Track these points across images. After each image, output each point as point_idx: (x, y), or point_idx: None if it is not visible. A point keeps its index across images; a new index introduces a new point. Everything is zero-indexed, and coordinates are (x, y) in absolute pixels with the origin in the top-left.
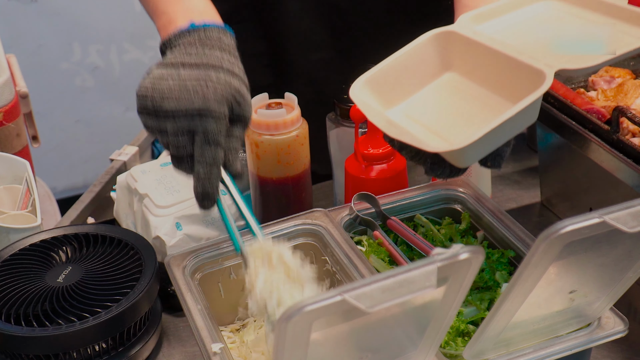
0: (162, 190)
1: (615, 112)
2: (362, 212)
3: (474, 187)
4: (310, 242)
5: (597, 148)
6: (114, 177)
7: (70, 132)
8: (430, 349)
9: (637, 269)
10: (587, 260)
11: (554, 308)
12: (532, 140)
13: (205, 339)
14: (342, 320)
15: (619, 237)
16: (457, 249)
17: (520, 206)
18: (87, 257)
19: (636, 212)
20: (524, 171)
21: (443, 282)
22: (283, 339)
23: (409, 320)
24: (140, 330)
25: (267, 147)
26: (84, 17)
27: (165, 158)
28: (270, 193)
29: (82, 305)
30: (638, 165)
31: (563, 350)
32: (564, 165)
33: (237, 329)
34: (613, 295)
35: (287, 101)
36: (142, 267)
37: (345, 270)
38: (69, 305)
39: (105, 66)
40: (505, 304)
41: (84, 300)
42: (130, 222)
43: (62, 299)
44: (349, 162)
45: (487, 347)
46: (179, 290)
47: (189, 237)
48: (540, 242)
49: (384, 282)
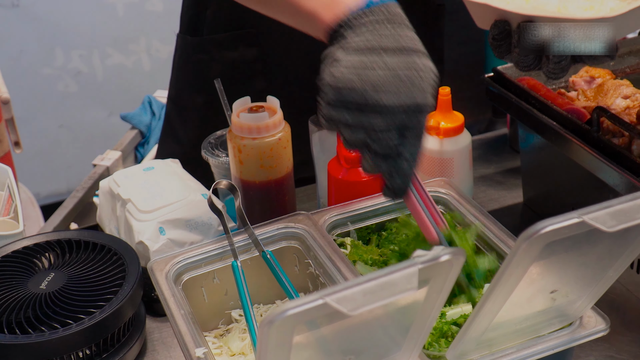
0: (145, 194)
1: (596, 112)
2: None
3: (456, 188)
4: (293, 245)
5: (578, 148)
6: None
7: (53, 138)
8: (413, 350)
9: (617, 267)
10: (568, 259)
11: (536, 308)
12: (514, 141)
13: (188, 343)
14: (324, 324)
15: (599, 237)
16: (438, 251)
17: (502, 207)
18: (70, 263)
19: (615, 212)
20: (506, 172)
21: (424, 284)
22: (266, 343)
23: (392, 322)
24: (124, 336)
25: (249, 151)
26: (66, 21)
27: (149, 162)
28: (254, 197)
29: (65, 311)
30: (618, 165)
31: (545, 350)
32: (545, 166)
33: (222, 333)
34: (594, 294)
35: (270, 104)
36: (126, 273)
37: (328, 273)
38: (52, 312)
39: (88, 71)
40: (487, 305)
41: (67, 307)
42: (113, 227)
43: (45, 305)
44: (331, 165)
45: (470, 348)
46: (162, 295)
47: (173, 242)
48: (520, 242)
49: (365, 285)
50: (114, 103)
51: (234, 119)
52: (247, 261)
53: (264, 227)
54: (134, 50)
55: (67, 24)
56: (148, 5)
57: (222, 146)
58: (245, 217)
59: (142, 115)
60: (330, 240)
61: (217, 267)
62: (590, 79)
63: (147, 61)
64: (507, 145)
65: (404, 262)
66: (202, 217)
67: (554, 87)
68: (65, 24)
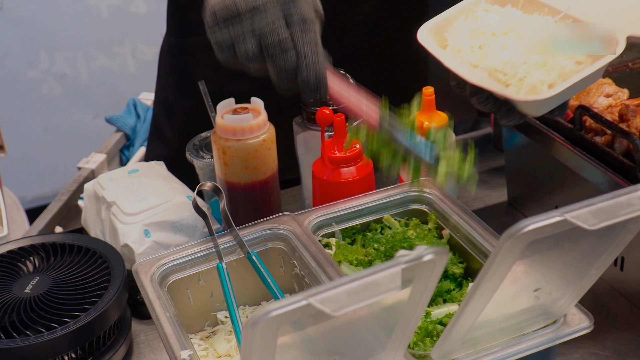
0: (130, 197)
1: (578, 111)
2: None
3: (440, 188)
4: (278, 246)
5: (561, 147)
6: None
7: (38, 141)
8: (398, 350)
9: (600, 265)
10: (551, 258)
11: (520, 306)
12: (498, 140)
13: (174, 346)
14: (309, 324)
15: (581, 235)
16: (420, 251)
17: (487, 206)
18: (54, 267)
19: (597, 210)
20: (490, 171)
21: (408, 284)
22: (250, 345)
23: (377, 321)
24: (110, 339)
25: (234, 153)
26: (50, 24)
27: (133, 165)
28: (238, 198)
29: (50, 315)
30: (601, 163)
31: (530, 348)
32: (529, 165)
33: (207, 335)
34: (578, 292)
35: (254, 106)
36: (111, 276)
37: (313, 274)
38: (37, 316)
39: (72, 73)
40: (471, 303)
41: (52, 311)
42: (98, 230)
43: (29, 309)
44: (316, 166)
45: (454, 347)
46: (147, 298)
47: (158, 244)
48: (503, 241)
49: (348, 285)
50: (98, 106)
51: (218, 120)
52: (232, 263)
53: (249, 229)
54: (119, 53)
55: (51, 27)
56: (132, 7)
57: (206, 148)
58: (230, 219)
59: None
60: (316, 240)
61: (202, 269)
62: None
63: (132, 63)
64: (491, 145)
65: (387, 262)
66: (187, 219)
67: None
68: (50, 26)
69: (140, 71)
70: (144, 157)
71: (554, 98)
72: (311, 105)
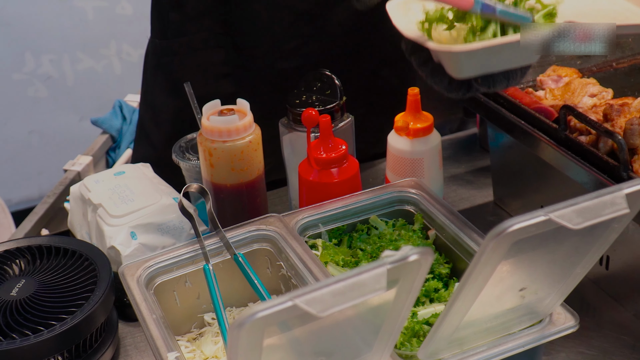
0: (116, 199)
1: (563, 110)
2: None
3: (426, 188)
4: (265, 247)
5: (546, 146)
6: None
7: (24, 143)
8: (384, 350)
9: (585, 264)
10: (536, 257)
11: (506, 306)
12: (483, 141)
13: (160, 348)
14: (296, 325)
15: (566, 234)
16: (406, 251)
17: (473, 206)
18: (40, 270)
19: (581, 209)
20: (476, 171)
21: (394, 284)
22: (236, 346)
23: (363, 322)
24: (97, 342)
25: (220, 154)
26: (35, 26)
27: (119, 167)
28: (225, 200)
29: (37, 318)
30: (586, 163)
31: (516, 347)
32: (515, 165)
33: (194, 337)
34: (563, 291)
35: (240, 107)
36: (97, 278)
37: (300, 275)
38: (23, 319)
39: (58, 76)
40: (457, 303)
41: (38, 314)
42: (84, 232)
43: (15, 312)
44: (302, 167)
45: (441, 347)
46: (133, 300)
47: (144, 246)
48: (488, 241)
49: (334, 286)
50: (84, 108)
51: (204, 122)
52: (219, 264)
53: (235, 230)
54: (105, 55)
55: (36, 29)
56: (118, 8)
57: (192, 149)
58: (217, 220)
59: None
60: (302, 242)
61: (189, 270)
62: (558, 77)
63: (118, 65)
64: (477, 145)
65: (372, 262)
66: (174, 221)
67: (521, 86)
68: (35, 28)
69: (126, 73)
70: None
71: (470, 56)
72: (297, 107)
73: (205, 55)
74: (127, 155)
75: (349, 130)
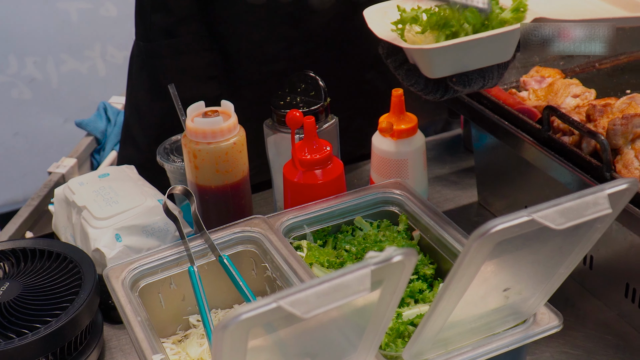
0: (101, 201)
1: (546, 111)
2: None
3: (410, 189)
4: (250, 249)
5: (530, 147)
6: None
7: (8, 146)
8: (369, 351)
9: (568, 264)
10: (520, 257)
11: (490, 306)
12: (468, 141)
13: (145, 350)
14: (280, 326)
15: (549, 234)
16: (390, 252)
17: (457, 206)
18: (25, 273)
19: (564, 210)
20: (460, 172)
21: (378, 285)
22: (220, 348)
23: (347, 323)
24: (82, 344)
25: (205, 156)
26: (19, 28)
27: (104, 169)
28: (210, 201)
29: (21, 321)
30: (569, 163)
31: (500, 348)
32: (499, 165)
33: (180, 339)
34: (547, 291)
35: (224, 109)
36: (82, 281)
37: (285, 277)
38: (7, 322)
39: (42, 78)
40: (441, 304)
41: (22, 316)
42: (69, 235)
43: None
44: (287, 168)
45: (425, 347)
46: (118, 302)
47: (129, 249)
48: (471, 241)
49: (318, 287)
50: (69, 110)
51: (188, 123)
52: (204, 266)
53: (220, 232)
54: (89, 56)
55: (20, 31)
56: (102, 10)
57: (177, 151)
58: (201, 222)
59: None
60: (287, 243)
61: (173, 272)
62: (541, 78)
63: (102, 67)
64: (461, 146)
65: (356, 263)
66: (159, 222)
67: (505, 87)
68: (19, 30)
69: (110, 75)
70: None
71: (441, 53)
72: (281, 108)
73: (189, 58)
74: (112, 158)
75: (334, 131)
